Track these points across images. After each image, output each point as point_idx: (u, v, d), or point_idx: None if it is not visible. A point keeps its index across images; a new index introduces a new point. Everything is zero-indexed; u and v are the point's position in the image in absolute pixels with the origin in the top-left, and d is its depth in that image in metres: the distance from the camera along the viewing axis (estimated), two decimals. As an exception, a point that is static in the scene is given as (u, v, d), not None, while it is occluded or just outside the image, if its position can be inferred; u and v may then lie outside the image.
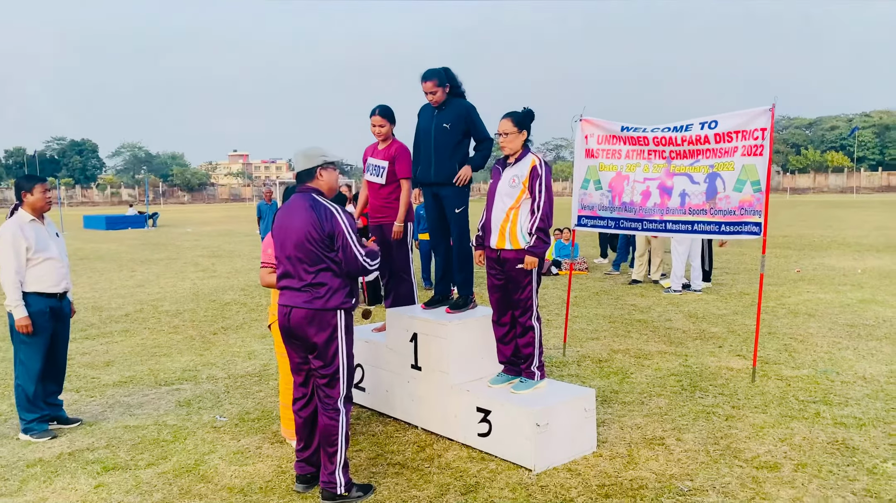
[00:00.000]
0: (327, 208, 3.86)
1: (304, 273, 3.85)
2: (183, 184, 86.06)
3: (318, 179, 3.99)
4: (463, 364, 4.86)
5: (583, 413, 4.54)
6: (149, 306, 10.53)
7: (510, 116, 4.52)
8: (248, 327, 8.81)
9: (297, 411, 4.14)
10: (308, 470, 4.13)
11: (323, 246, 3.82)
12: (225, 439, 4.95)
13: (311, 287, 3.84)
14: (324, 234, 3.80)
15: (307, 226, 3.80)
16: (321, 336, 3.85)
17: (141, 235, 27.09)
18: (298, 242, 3.83)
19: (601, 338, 7.76)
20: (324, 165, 3.99)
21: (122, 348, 7.79)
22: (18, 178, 5.23)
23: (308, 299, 3.84)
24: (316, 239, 3.80)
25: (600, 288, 11.39)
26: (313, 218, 3.81)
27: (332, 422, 3.94)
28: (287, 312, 3.90)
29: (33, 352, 5.00)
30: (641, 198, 6.45)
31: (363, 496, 4.00)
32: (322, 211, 3.84)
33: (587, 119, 6.73)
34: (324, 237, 3.81)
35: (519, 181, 4.45)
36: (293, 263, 3.87)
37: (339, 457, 3.95)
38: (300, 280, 3.86)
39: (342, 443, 3.96)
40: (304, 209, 3.85)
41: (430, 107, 5.08)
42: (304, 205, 3.87)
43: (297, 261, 3.85)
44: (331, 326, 3.87)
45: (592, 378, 6.18)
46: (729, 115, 5.95)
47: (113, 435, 5.07)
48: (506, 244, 4.49)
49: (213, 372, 6.73)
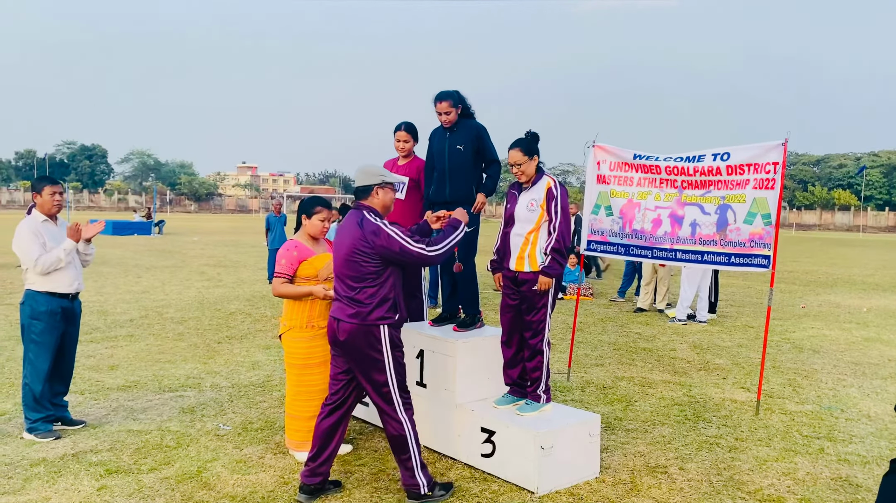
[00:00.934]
0: (373, 223, 3.96)
1: (348, 287, 3.99)
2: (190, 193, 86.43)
3: (373, 197, 4.11)
4: (468, 383, 4.87)
5: (587, 438, 4.53)
6: (154, 312, 10.56)
7: (518, 146, 4.54)
8: (253, 337, 8.83)
9: (321, 418, 4.21)
10: (314, 480, 4.15)
11: (371, 260, 3.93)
12: (228, 447, 4.95)
13: (354, 302, 3.96)
14: (375, 248, 3.91)
15: (356, 242, 3.93)
16: (368, 351, 3.96)
17: (147, 242, 27.19)
18: (345, 258, 3.98)
19: (606, 364, 7.76)
20: (381, 184, 4.13)
21: (126, 353, 7.80)
22: (32, 180, 5.30)
23: (352, 313, 3.96)
24: (366, 253, 3.92)
25: (605, 314, 11.39)
26: (361, 234, 3.93)
27: (398, 433, 4.05)
28: (334, 325, 4.05)
29: (43, 352, 5.02)
30: (652, 226, 6.48)
31: (445, 495, 4.15)
32: (368, 227, 3.94)
33: (600, 145, 6.78)
34: (375, 251, 3.91)
35: (536, 205, 4.49)
36: (342, 277, 4.02)
37: (415, 461, 4.06)
38: (346, 294, 4.00)
39: (414, 448, 4.07)
40: (354, 226, 3.99)
41: (440, 129, 5.15)
42: (354, 222, 4.01)
43: (344, 276, 4.00)
44: (376, 340, 3.96)
45: (596, 404, 6.17)
46: (742, 148, 6.00)
47: (116, 438, 5.08)
48: (525, 267, 4.52)
49: (217, 380, 6.74)
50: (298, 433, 4.78)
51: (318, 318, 4.75)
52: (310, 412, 4.76)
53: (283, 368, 7.07)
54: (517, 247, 4.58)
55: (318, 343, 4.75)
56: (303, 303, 4.73)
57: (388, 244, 3.91)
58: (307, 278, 4.71)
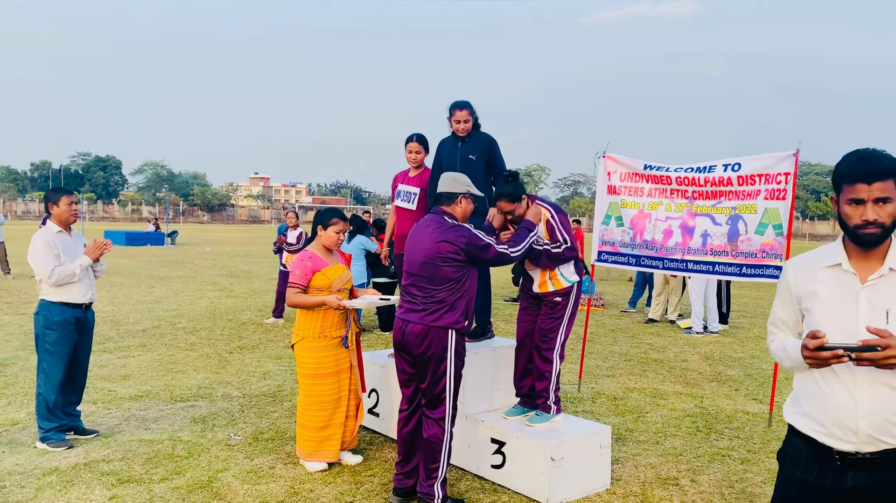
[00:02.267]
0: (459, 225, 4.06)
1: (423, 289, 4.02)
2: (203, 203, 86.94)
3: (456, 205, 4.19)
4: (478, 394, 4.87)
5: (598, 449, 4.52)
6: (166, 322, 10.62)
7: (502, 198, 4.41)
8: (264, 348, 8.86)
9: (401, 426, 4.30)
10: (407, 483, 4.26)
11: (453, 264, 3.97)
12: (238, 458, 4.96)
13: (428, 303, 4.01)
14: (463, 249, 3.96)
15: (438, 245, 3.98)
16: (432, 353, 4.00)
17: (160, 252, 27.35)
18: (422, 261, 4.02)
19: (617, 375, 7.73)
20: (467, 195, 4.20)
21: (138, 363, 7.85)
22: (47, 191, 5.35)
23: (423, 315, 4.00)
24: (449, 256, 3.96)
25: (616, 325, 11.35)
26: (446, 236, 3.99)
27: (437, 440, 4.09)
28: (402, 326, 4.10)
29: (56, 362, 5.06)
30: (663, 236, 6.47)
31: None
32: (456, 229, 4.02)
33: (610, 156, 6.78)
34: (463, 252, 3.97)
35: (542, 239, 4.49)
36: (416, 280, 4.05)
37: (440, 472, 4.10)
38: (420, 296, 4.04)
39: (444, 460, 4.10)
40: (434, 229, 4.05)
41: (450, 139, 5.18)
42: (435, 225, 4.07)
43: (420, 277, 4.03)
44: (442, 344, 4.00)
45: (607, 415, 6.15)
46: (752, 159, 5.98)
47: (128, 447, 5.11)
48: (549, 288, 4.53)
49: (228, 390, 6.76)
50: (309, 443, 4.79)
51: (330, 329, 4.77)
52: (320, 422, 4.77)
53: (294, 378, 7.09)
54: (537, 273, 4.59)
55: (329, 353, 4.76)
56: (315, 313, 4.74)
57: (476, 242, 3.99)
58: (321, 289, 4.73)
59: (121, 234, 32.86)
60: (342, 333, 4.83)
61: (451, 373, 4.05)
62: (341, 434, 4.84)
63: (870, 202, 2.16)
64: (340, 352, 4.83)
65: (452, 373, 4.06)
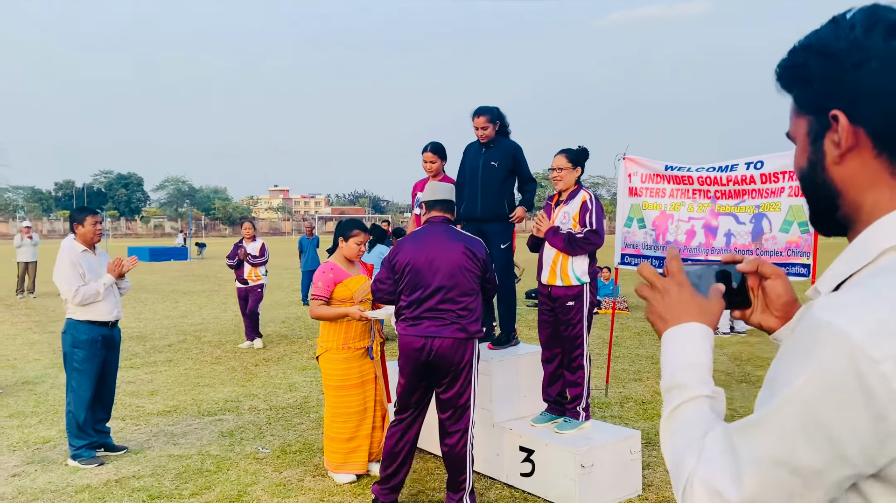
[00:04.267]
0: (474, 237, 4.06)
1: (455, 302, 3.94)
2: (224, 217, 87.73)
3: (456, 213, 4.23)
4: (505, 402, 4.84)
5: (628, 455, 4.46)
6: (192, 336, 10.70)
7: (565, 153, 4.57)
8: (289, 359, 8.88)
9: (389, 438, 4.22)
10: (391, 497, 4.22)
11: (475, 273, 3.99)
12: (267, 471, 4.97)
13: (458, 315, 3.95)
14: (479, 260, 3.98)
15: (461, 254, 3.95)
16: (464, 364, 3.97)
17: (184, 267, 27.62)
18: (453, 271, 3.94)
19: (644, 379, 7.65)
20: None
21: (165, 378, 7.91)
22: (72, 210, 5.42)
23: (456, 329, 3.94)
24: (471, 266, 3.96)
25: (641, 328, 11.25)
26: (465, 246, 3.97)
27: (461, 449, 4.05)
28: (429, 343, 3.95)
29: (84, 380, 5.11)
30: (686, 237, 6.40)
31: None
32: (471, 239, 4.04)
33: (630, 157, 6.73)
34: (479, 264, 3.98)
35: (569, 216, 4.47)
36: (446, 293, 3.94)
37: (468, 482, 4.06)
38: (451, 309, 3.94)
39: (470, 468, 4.08)
40: (448, 239, 4.01)
41: (476, 144, 5.15)
42: (447, 235, 4.03)
43: (449, 289, 3.93)
44: (470, 352, 4.00)
45: (636, 420, 6.08)
46: (775, 156, 5.90)
47: (158, 463, 5.13)
48: (557, 281, 4.49)
49: (255, 403, 6.79)
50: (337, 455, 4.78)
51: (353, 340, 4.76)
52: (347, 433, 4.77)
53: (319, 390, 7.10)
54: (549, 259, 4.55)
55: (354, 364, 4.76)
56: (339, 324, 4.75)
57: (489, 257, 4.03)
58: (343, 300, 4.73)
59: (144, 250, 33.23)
60: (366, 344, 4.83)
61: (475, 381, 4.06)
62: (368, 445, 4.83)
63: None
64: (365, 363, 4.82)
65: (475, 380, 4.07)
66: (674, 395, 1.02)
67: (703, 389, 1.00)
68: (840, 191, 0.95)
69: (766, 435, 0.83)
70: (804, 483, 0.81)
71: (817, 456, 0.79)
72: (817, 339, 0.80)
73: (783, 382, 0.84)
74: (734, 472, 0.84)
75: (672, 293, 1.09)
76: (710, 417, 0.97)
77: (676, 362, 1.03)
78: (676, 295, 1.08)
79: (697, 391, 0.99)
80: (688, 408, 0.99)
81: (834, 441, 0.79)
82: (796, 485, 0.81)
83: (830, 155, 0.94)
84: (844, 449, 0.79)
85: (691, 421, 0.97)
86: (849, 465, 0.79)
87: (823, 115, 0.94)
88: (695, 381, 1.00)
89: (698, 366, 1.02)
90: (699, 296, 1.09)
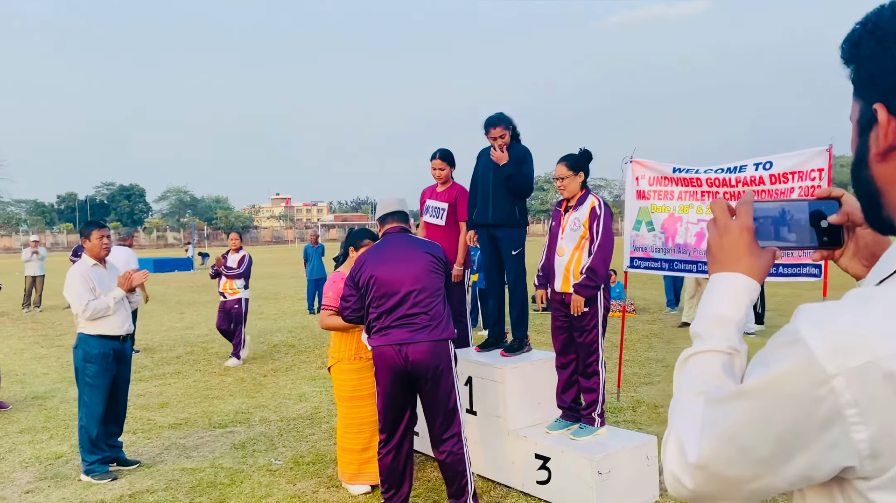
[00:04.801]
0: (431, 241, 4.15)
1: (425, 304, 3.97)
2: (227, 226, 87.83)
3: (411, 226, 4.30)
4: (519, 409, 4.81)
5: (645, 461, 4.44)
6: (199, 348, 10.68)
7: (565, 161, 4.55)
8: (298, 369, 8.86)
9: (382, 459, 4.14)
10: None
11: (440, 275, 4.07)
12: (281, 483, 4.94)
13: (430, 318, 3.97)
14: (440, 261, 4.07)
15: (423, 257, 4.02)
16: (443, 368, 3.97)
17: (188, 277, 27.62)
18: (419, 275, 3.99)
19: (655, 382, 7.61)
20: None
21: (175, 390, 7.89)
22: (82, 225, 5.42)
23: (429, 331, 3.96)
24: (435, 267, 4.05)
25: (650, 331, 11.21)
26: (425, 250, 4.06)
27: (458, 454, 4.02)
28: (405, 351, 3.92)
29: (96, 394, 5.09)
30: (696, 239, 6.37)
31: None
32: (429, 244, 4.14)
33: (637, 160, 6.71)
34: (441, 265, 4.08)
35: (579, 223, 4.45)
36: (415, 296, 3.96)
37: (470, 486, 4.04)
38: (421, 313, 3.96)
39: (469, 468, 4.05)
40: (408, 246, 4.11)
41: (489, 150, 5.13)
42: (406, 243, 4.13)
43: (418, 292, 3.96)
44: (449, 356, 4.02)
45: (649, 424, 6.04)
46: (784, 156, 5.88)
47: (171, 477, 5.11)
48: (570, 288, 4.47)
49: (266, 414, 6.76)
50: (351, 466, 4.76)
51: (365, 350, 4.74)
52: (360, 444, 4.74)
53: (329, 400, 7.08)
54: (562, 267, 4.53)
55: (365, 375, 4.74)
56: (349, 334, 4.73)
57: (446, 258, 4.12)
58: None
59: (149, 261, 33.23)
60: None
61: (457, 382, 4.07)
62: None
63: None
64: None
65: (457, 381, 4.08)
66: (695, 343, 1.05)
67: (721, 345, 1.01)
68: (881, 190, 0.92)
69: (725, 414, 0.89)
70: (753, 465, 0.87)
71: (764, 446, 0.85)
72: (786, 344, 0.85)
73: (751, 373, 0.89)
74: (698, 436, 0.90)
75: (731, 236, 1.07)
76: (716, 373, 0.99)
77: (710, 309, 1.05)
78: (735, 239, 1.07)
79: (715, 345, 1.01)
80: (699, 360, 1.02)
81: (780, 440, 0.84)
82: (745, 464, 0.87)
83: (872, 150, 0.91)
84: (789, 449, 0.84)
85: (696, 374, 1.01)
86: (793, 466, 0.85)
87: (869, 105, 0.90)
88: (717, 335, 1.02)
89: (728, 319, 1.03)
90: (756, 246, 1.06)
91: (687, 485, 0.92)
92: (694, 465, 0.90)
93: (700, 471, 0.90)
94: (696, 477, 0.90)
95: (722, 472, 0.89)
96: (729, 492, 0.91)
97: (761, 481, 0.88)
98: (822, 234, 1.08)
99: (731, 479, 0.89)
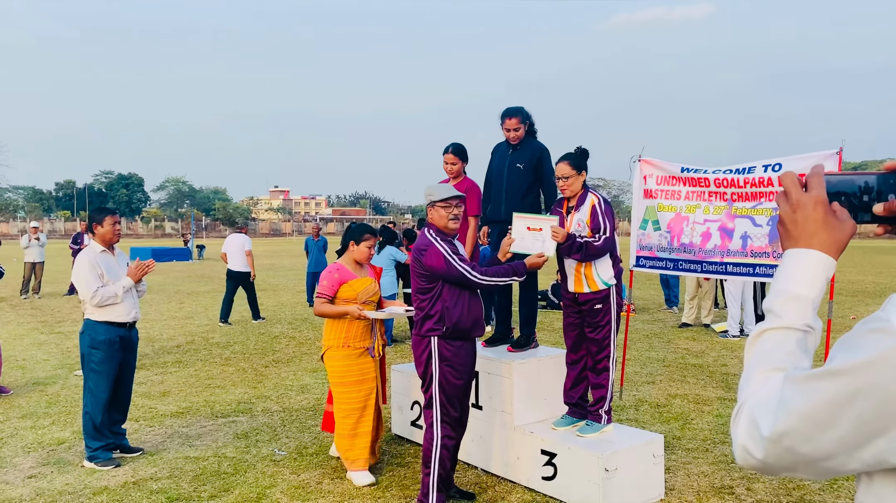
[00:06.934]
0: (425, 239, 4.16)
1: (415, 300, 4.20)
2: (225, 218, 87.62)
3: (430, 216, 4.28)
4: (526, 405, 4.81)
5: (651, 459, 4.44)
6: (199, 338, 10.66)
7: (567, 160, 4.50)
8: (299, 360, 8.85)
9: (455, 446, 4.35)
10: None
11: (421, 275, 4.15)
12: (285, 473, 4.94)
13: (418, 312, 4.17)
14: (422, 264, 4.12)
15: (412, 258, 4.18)
16: (421, 360, 4.16)
17: (186, 267, 27.58)
18: (411, 274, 4.21)
19: (657, 382, 7.62)
20: (430, 204, 4.27)
21: (176, 379, 7.87)
22: (91, 211, 5.40)
23: (416, 324, 4.20)
24: (416, 269, 4.16)
25: (650, 331, 11.22)
26: (414, 250, 4.17)
27: (427, 445, 4.15)
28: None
29: (102, 381, 5.08)
30: (701, 239, 6.37)
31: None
32: (420, 243, 4.18)
33: (646, 160, 6.70)
34: (422, 267, 4.12)
35: (584, 225, 4.43)
36: (413, 292, 4.24)
37: (432, 478, 4.12)
38: (415, 306, 4.22)
39: (435, 465, 4.12)
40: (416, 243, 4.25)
41: (503, 145, 5.12)
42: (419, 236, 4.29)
43: (412, 289, 4.22)
44: (427, 351, 4.12)
45: (652, 423, 6.05)
46: (794, 158, 5.87)
47: (175, 465, 5.10)
48: (584, 288, 4.46)
49: (268, 405, 6.76)
50: (351, 451, 4.81)
51: (353, 339, 4.82)
52: (347, 429, 4.81)
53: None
54: (572, 268, 4.53)
55: (352, 362, 4.84)
56: (340, 323, 4.84)
57: (434, 261, 4.06)
58: (346, 300, 4.83)
59: (147, 251, 33.17)
60: (367, 344, 4.90)
61: (436, 378, 4.10)
62: (369, 441, 4.85)
63: None
64: (365, 363, 4.89)
65: (437, 378, 4.10)
66: (769, 318, 1.06)
67: (796, 321, 1.03)
68: None
69: (807, 393, 0.90)
70: (830, 444, 0.89)
71: (844, 428, 0.87)
72: (876, 330, 0.87)
73: (836, 355, 0.90)
74: (774, 412, 0.93)
75: (805, 210, 1.05)
76: (790, 350, 1.02)
77: (785, 286, 1.05)
78: (809, 213, 1.05)
79: (789, 322, 1.03)
80: (773, 335, 1.04)
81: (861, 423, 0.86)
82: (822, 442, 0.89)
83: None
84: (869, 433, 0.86)
85: (770, 349, 1.03)
86: (870, 450, 0.87)
87: None
88: (792, 313, 1.03)
89: (803, 298, 1.04)
90: (832, 219, 1.04)
91: (756, 456, 0.95)
92: (768, 439, 0.93)
93: (774, 444, 0.93)
94: (768, 449, 0.93)
95: (795, 447, 0.91)
96: (799, 467, 0.94)
97: (835, 461, 0.90)
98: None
99: (804, 455, 0.92)
